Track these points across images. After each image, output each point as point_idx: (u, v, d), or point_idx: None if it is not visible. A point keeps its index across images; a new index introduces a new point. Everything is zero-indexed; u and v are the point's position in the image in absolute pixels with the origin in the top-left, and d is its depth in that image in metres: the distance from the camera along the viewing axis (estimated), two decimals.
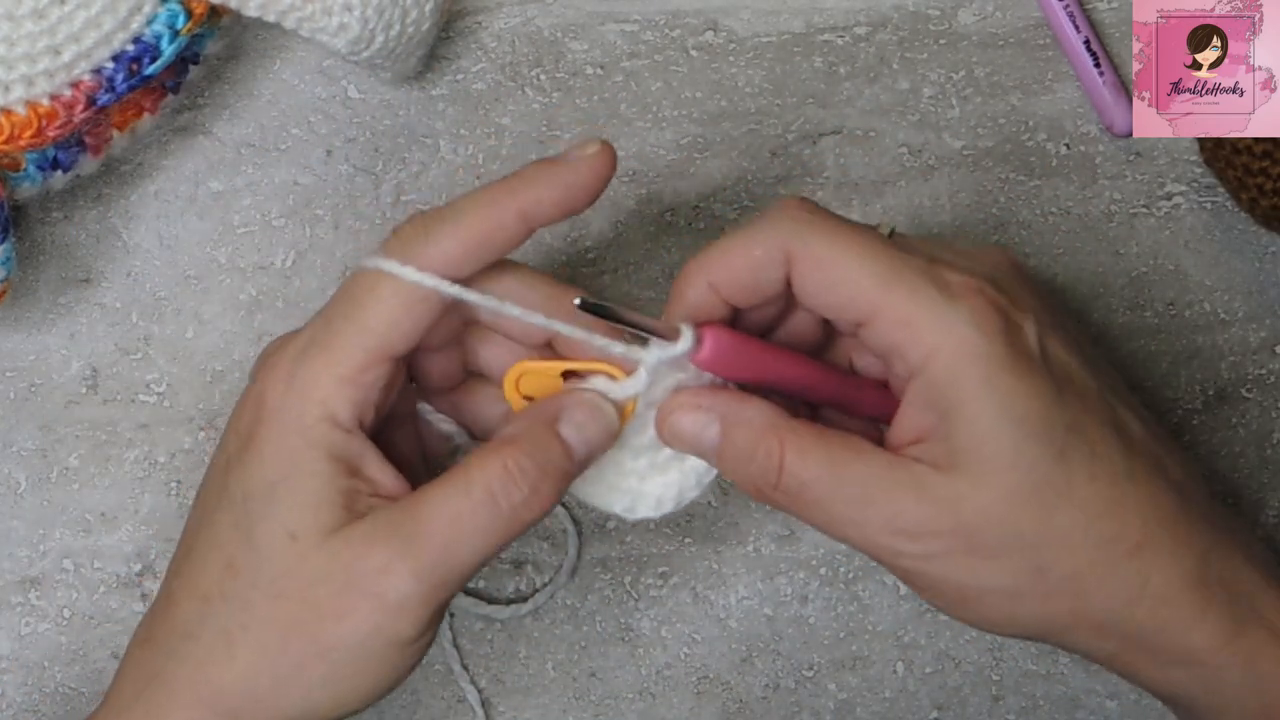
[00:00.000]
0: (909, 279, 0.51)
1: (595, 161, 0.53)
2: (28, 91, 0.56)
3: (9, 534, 0.64)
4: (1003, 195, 0.66)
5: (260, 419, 0.53)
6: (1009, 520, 0.51)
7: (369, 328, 0.52)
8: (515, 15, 0.66)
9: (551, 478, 0.52)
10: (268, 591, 0.51)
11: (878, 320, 0.51)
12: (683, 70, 0.66)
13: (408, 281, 0.52)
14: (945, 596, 0.52)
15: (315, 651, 0.51)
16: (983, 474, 0.51)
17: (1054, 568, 0.51)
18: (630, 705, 0.65)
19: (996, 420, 0.50)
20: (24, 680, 0.64)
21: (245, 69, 0.65)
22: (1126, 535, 0.51)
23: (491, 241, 0.53)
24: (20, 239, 0.62)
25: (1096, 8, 0.67)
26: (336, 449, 0.52)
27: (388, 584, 0.50)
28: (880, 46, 0.66)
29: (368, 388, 0.52)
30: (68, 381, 0.64)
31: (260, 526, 0.52)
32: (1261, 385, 0.66)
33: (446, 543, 0.51)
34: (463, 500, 0.51)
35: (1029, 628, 0.53)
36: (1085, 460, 0.51)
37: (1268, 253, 0.66)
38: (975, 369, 0.50)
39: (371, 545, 0.51)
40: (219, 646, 0.52)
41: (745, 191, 0.66)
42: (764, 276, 0.53)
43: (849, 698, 0.65)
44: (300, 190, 0.65)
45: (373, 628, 0.51)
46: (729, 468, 0.53)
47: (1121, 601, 0.52)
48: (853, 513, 0.52)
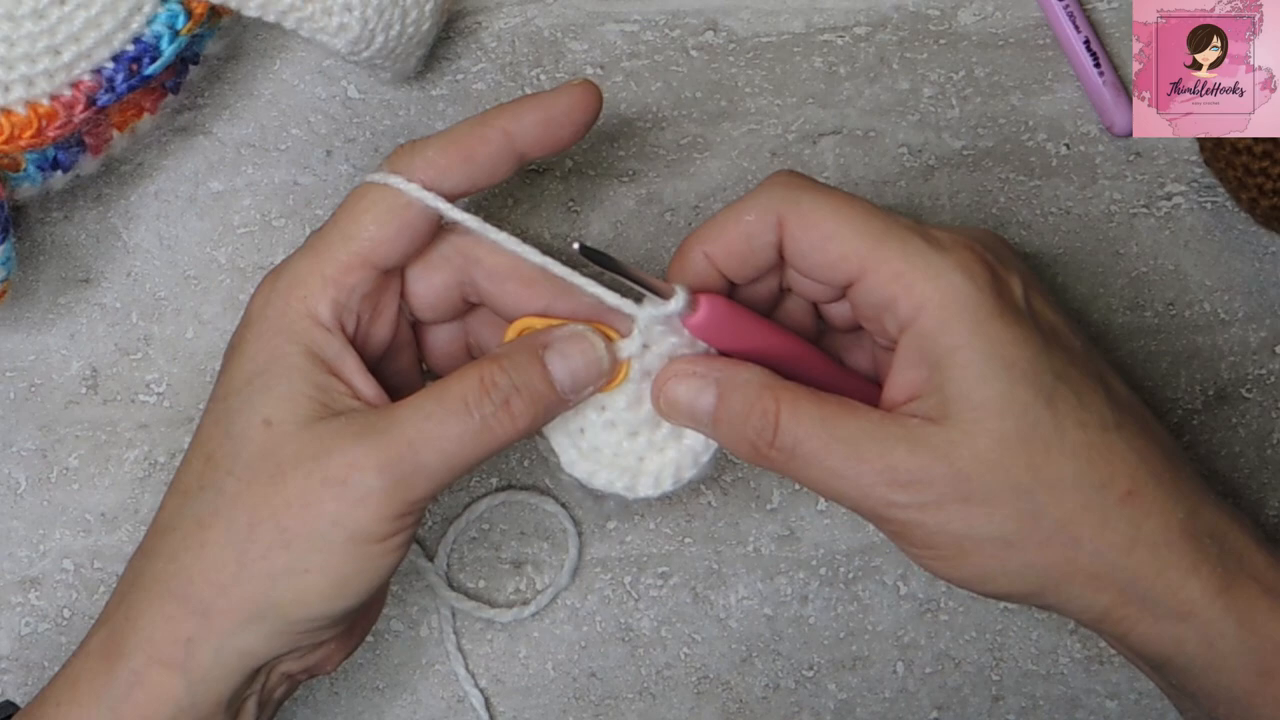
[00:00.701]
0: (899, 234, 0.52)
1: (578, 91, 0.55)
2: (28, 91, 0.56)
3: (9, 534, 0.64)
4: (1003, 195, 0.66)
5: (247, 322, 0.54)
6: (1001, 466, 0.51)
7: (353, 233, 0.54)
8: (515, 15, 0.66)
9: (526, 398, 0.53)
10: (241, 477, 0.52)
11: (869, 275, 0.52)
12: (683, 70, 0.66)
13: (393, 190, 0.53)
14: (939, 549, 0.53)
15: (280, 539, 0.51)
16: (974, 420, 0.51)
17: (1047, 513, 0.51)
18: (630, 705, 0.65)
19: (987, 366, 0.51)
20: (24, 680, 0.64)
21: (245, 69, 0.65)
22: (1117, 482, 0.52)
23: (475, 154, 0.54)
24: (20, 239, 0.62)
25: (1096, 8, 0.67)
26: (316, 344, 0.53)
27: (352, 475, 0.51)
28: (880, 46, 0.66)
29: (349, 290, 0.53)
30: (68, 381, 0.64)
31: (238, 418, 0.53)
32: (1261, 385, 0.66)
33: (413, 441, 0.51)
34: (435, 404, 0.52)
35: (1025, 580, 0.53)
36: (1073, 408, 0.52)
37: (1268, 253, 0.66)
38: (965, 315, 0.51)
39: (342, 438, 0.51)
40: (192, 534, 0.52)
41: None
42: (757, 243, 0.54)
43: (849, 698, 0.65)
44: (300, 190, 0.65)
45: (332, 519, 0.51)
46: (724, 431, 0.54)
47: (1116, 548, 0.52)
48: (847, 467, 0.52)
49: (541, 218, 0.65)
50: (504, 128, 0.54)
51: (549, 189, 0.65)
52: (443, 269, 0.56)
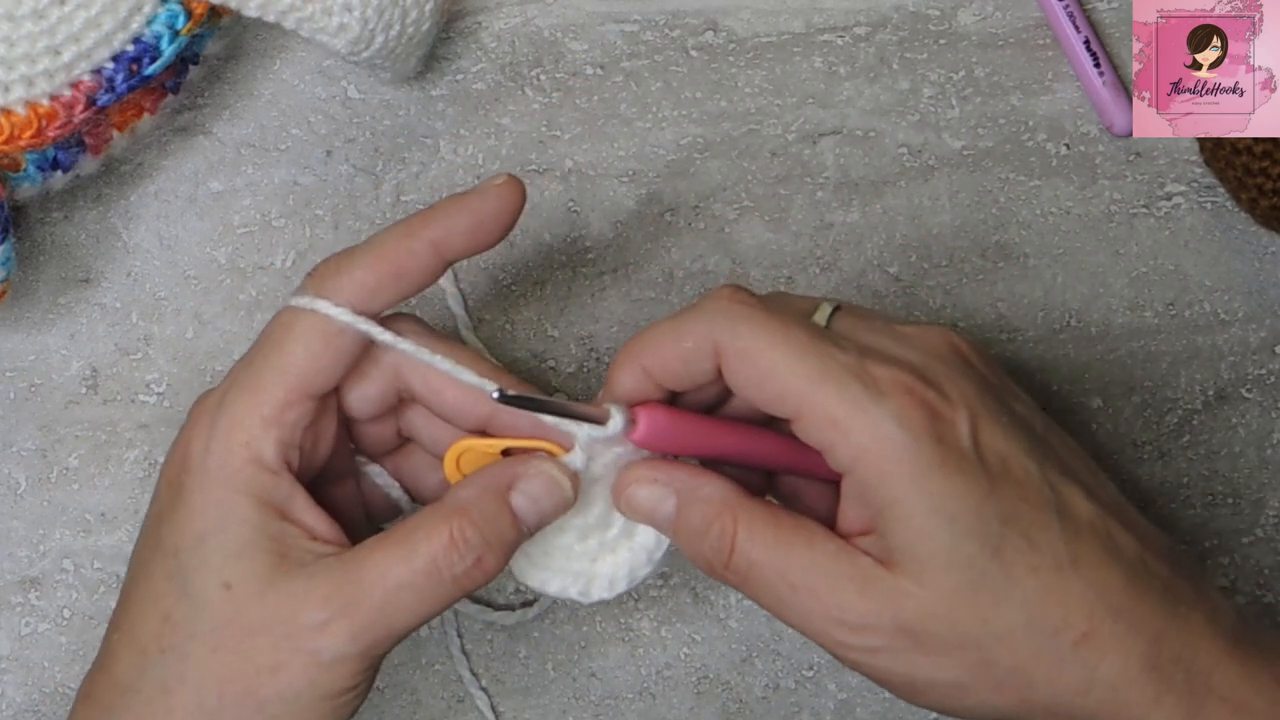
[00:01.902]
0: (836, 377, 0.50)
1: (503, 191, 0.54)
2: (28, 92, 0.56)
3: (9, 534, 0.64)
4: (1003, 195, 0.66)
5: (186, 468, 0.53)
6: (950, 619, 0.50)
7: (287, 366, 0.52)
8: (515, 15, 0.66)
9: (496, 549, 0.52)
10: (205, 643, 0.51)
11: (805, 418, 0.51)
12: (683, 70, 0.66)
13: (322, 316, 0.52)
14: (893, 686, 0.52)
15: (251, 704, 0.51)
16: (920, 574, 0.50)
17: (999, 662, 0.51)
18: (630, 705, 0.65)
19: (928, 521, 0.50)
20: (24, 680, 0.64)
21: (245, 69, 0.65)
22: (1072, 625, 0.51)
23: (404, 270, 0.53)
24: (20, 239, 0.62)
25: (1096, 8, 0.67)
26: (264, 492, 0.52)
27: (324, 642, 0.51)
28: (880, 46, 0.66)
29: (291, 426, 0.52)
30: (68, 381, 0.64)
31: (195, 578, 0.51)
32: (1261, 385, 0.66)
33: (384, 606, 0.51)
34: (404, 566, 0.51)
35: (981, 715, 0.52)
36: (1023, 552, 0.50)
37: (1268, 253, 0.66)
38: (903, 469, 0.50)
39: (309, 601, 0.51)
40: (157, 699, 0.51)
41: (745, 191, 0.66)
42: (695, 367, 0.52)
43: (849, 698, 0.65)
44: (300, 190, 0.65)
45: (307, 683, 0.51)
46: (683, 541, 0.53)
47: (1071, 691, 0.51)
48: (797, 600, 0.51)
49: (541, 218, 0.65)
50: (431, 239, 0.53)
51: (549, 189, 0.65)
52: (377, 380, 0.55)
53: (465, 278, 0.65)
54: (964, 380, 0.52)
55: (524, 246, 0.65)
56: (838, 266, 0.66)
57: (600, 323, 0.65)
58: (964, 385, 0.52)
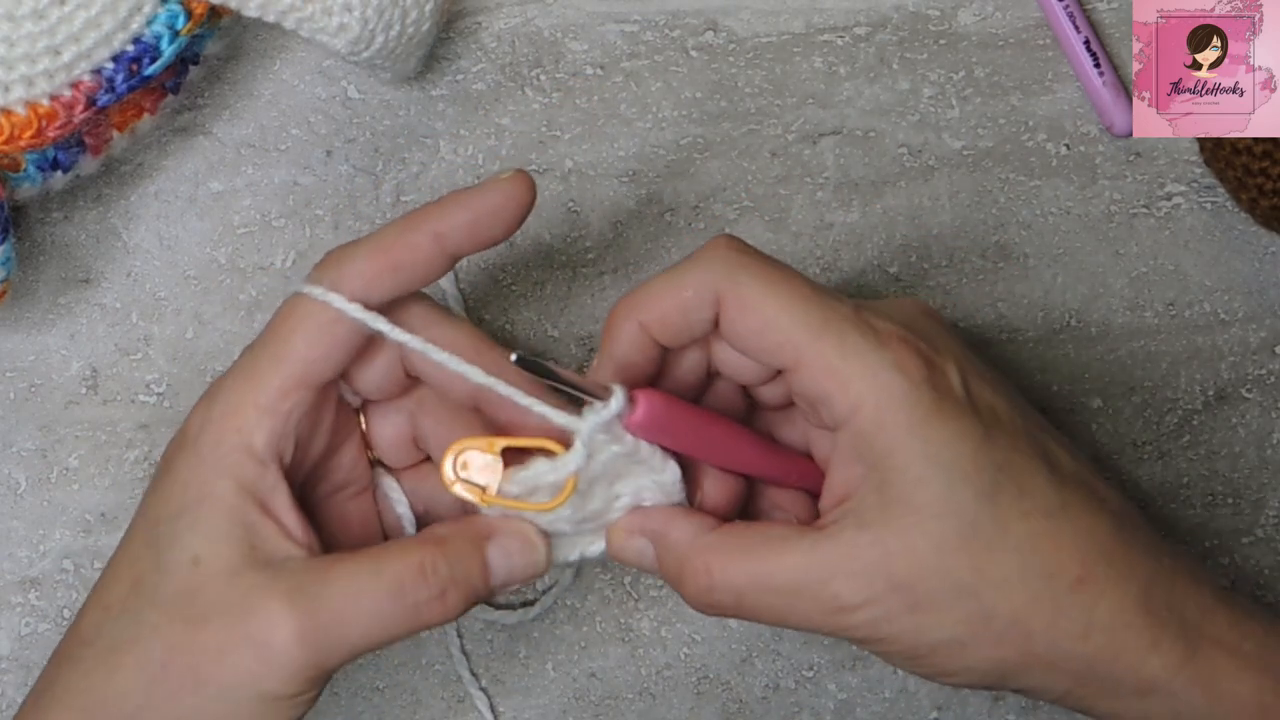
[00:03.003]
0: (836, 327, 0.51)
1: (509, 186, 0.53)
2: (28, 92, 0.56)
3: (9, 534, 0.64)
4: (1003, 195, 0.66)
5: (181, 445, 0.53)
6: (944, 569, 0.50)
7: (285, 354, 0.53)
8: (515, 15, 0.66)
9: (461, 590, 0.52)
10: (163, 611, 0.51)
11: (804, 368, 0.51)
12: (683, 70, 0.66)
13: (321, 305, 0.52)
14: (900, 656, 0.52)
15: (191, 681, 0.51)
16: (914, 526, 0.50)
17: (997, 612, 0.51)
18: (630, 705, 0.65)
19: (925, 468, 0.50)
20: (24, 680, 0.64)
21: (245, 69, 0.65)
22: (1066, 570, 0.51)
23: (406, 262, 0.53)
24: (20, 239, 0.62)
25: (1096, 8, 0.67)
26: (248, 481, 0.52)
27: (274, 636, 0.50)
28: (880, 46, 0.66)
29: (286, 416, 0.52)
30: (68, 381, 0.64)
31: (167, 548, 0.52)
32: (1261, 385, 0.66)
33: (341, 616, 0.51)
34: (369, 580, 0.51)
35: (985, 675, 0.52)
36: (1015, 498, 0.51)
37: (1268, 253, 0.66)
38: (901, 416, 0.50)
39: (269, 596, 0.51)
40: (107, 655, 0.52)
41: (745, 191, 0.66)
42: (694, 317, 0.53)
43: (849, 698, 0.65)
44: (300, 190, 0.65)
45: (247, 675, 0.51)
46: (674, 587, 0.54)
47: (1070, 637, 0.51)
48: (791, 607, 0.52)
49: (542, 218, 0.65)
50: (434, 231, 0.53)
51: (549, 189, 0.65)
52: (383, 356, 0.55)
53: (465, 278, 0.65)
54: (948, 337, 0.54)
55: (524, 246, 0.65)
56: (838, 266, 0.66)
57: (600, 323, 0.65)
58: (949, 341, 0.53)
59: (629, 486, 0.54)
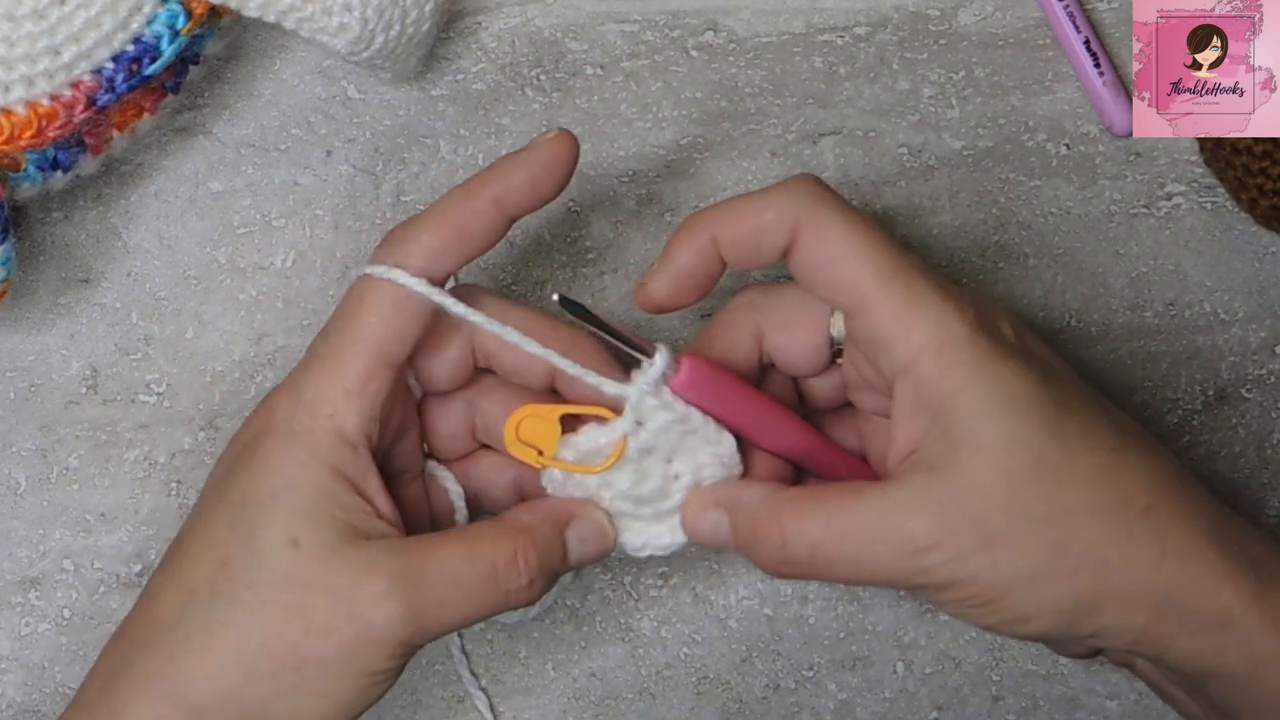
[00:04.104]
0: (905, 274, 0.53)
1: (556, 144, 0.55)
2: (28, 92, 0.56)
3: (9, 534, 0.64)
4: (1003, 195, 0.66)
5: (267, 430, 0.54)
6: (1015, 503, 0.51)
7: (364, 336, 0.54)
8: (515, 15, 0.66)
9: (546, 577, 0.54)
10: (260, 594, 0.52)
11: (870, 311, 0.53)
12: (683, 70, 0.66)
13: (390, 284, 0.54)
14: (971, 598, 0.52)
15: (292, 661, 0.52)
16: (982, 461, 0.51)
17: (1070, 541, 0.51)
18: (630, 705, 0.65)
19: (991, 404, 0.51)
20: (24, 680, 0.64)
21: (245, 69, 0.65)
22: (1134, 499, 0.52)
23: (469, 230, 0.55)
24: (20, 239, 0.62)
25: (1096, 8, 0.67)
26: (342, 464, 0.53)
27: (379, 615, 0.52)
28: (880, 46, 0.66)
29: (373, 398, 0.54)
30: (68, 381, 0.64)
31: (260, 531, 0.52)
32: (1261, 385, 0.66)
33: (441, 600, 0.52)
34: (467, 568, 0.53)
35: (1061, 614, 0.52)
36: (1079, 434, 0.52)
37: (1268, 253, 0.66)
38: (963, 357, 0.52)
39: (373, 573, 0.52)
40: (197, 638, 0.52)
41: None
42: (767, 241, 0.54)
43: (849, 698, 0.65)
44: (300, 190, 0.65)
45: (350, 652, 0.52)
46: (750, 556, 0.55)
47: (1145, 564, 0.52)
48: (867, 554, 0.52)
49: (542, 218, 0.65)
50: (493, 196, 0.55)
51: None
52: (455, 345, 0.57)
53: (465, 278, 0.65)
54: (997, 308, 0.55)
55: (524, 246, 0.65)
56: None
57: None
58: (999, 309, 0.55)
59: (687, 465, 0.56)
